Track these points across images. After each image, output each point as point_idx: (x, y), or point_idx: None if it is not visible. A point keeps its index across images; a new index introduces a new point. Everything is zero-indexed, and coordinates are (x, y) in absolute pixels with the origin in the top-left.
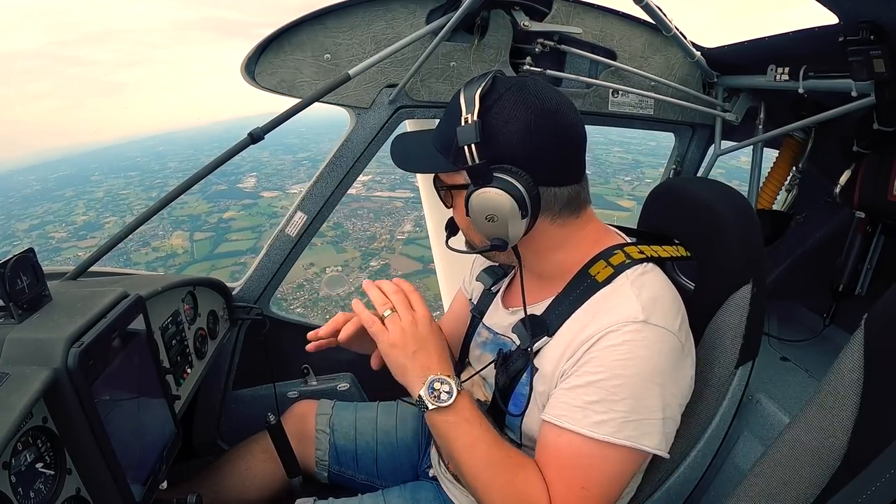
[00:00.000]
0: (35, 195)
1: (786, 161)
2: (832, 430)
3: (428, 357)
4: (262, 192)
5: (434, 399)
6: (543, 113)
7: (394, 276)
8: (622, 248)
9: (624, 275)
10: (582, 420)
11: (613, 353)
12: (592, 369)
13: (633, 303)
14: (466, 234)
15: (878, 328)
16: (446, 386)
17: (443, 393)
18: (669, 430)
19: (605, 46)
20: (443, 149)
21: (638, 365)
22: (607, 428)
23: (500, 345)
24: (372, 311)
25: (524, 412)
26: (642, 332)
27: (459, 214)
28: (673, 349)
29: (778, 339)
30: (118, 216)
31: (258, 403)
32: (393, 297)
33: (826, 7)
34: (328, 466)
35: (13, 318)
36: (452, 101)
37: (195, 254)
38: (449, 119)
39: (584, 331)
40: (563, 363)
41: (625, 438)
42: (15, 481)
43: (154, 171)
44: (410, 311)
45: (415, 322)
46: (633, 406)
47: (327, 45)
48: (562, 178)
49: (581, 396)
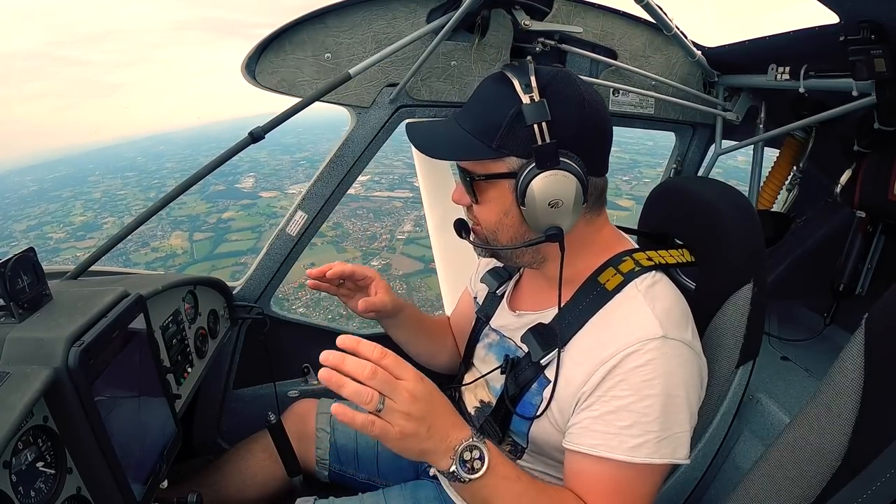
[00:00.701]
0: (32, 196)
1: (786, 160)
2: (833, 430)
3: (443, 426)
4: (260, 192)
5: (469, 472)
6: (590, 99)
7: (396, 276)
8: (631, 254)
9: (633, 284)
10: (619, 447)
11: (639, 374)
12: (620, 393)
13: (650, 318)
14: (495, 229)
15: (878, 328)
16: (476, 451)
17: (475, 461)
18: (690, 436)
19: (605, 46)
20: (482, 135)
21: (664, 382)
22: (645, 450)
23: (507, 349)
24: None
25: (533, 420)
26: (663, 349)
27: (492, 208)
28: (690, 360)
29: (778, 339)
30: (116, 216)
31: (258, 403)
32: (374, 383)
33: (827, 6)
34: (329, 465)
35: (14, 318)
36: (486, 89)
37: (195, 254)
38: (488, 105)
39: (602, 349)
40: (582, 384)
41: (661, 457)
42: (15, 480)
43: (151, 172)
44: (400, 387)
45: (413, 397)
46: (664, 424)
47: (328, 44)
48: (600, 167)
49: (614, 423)
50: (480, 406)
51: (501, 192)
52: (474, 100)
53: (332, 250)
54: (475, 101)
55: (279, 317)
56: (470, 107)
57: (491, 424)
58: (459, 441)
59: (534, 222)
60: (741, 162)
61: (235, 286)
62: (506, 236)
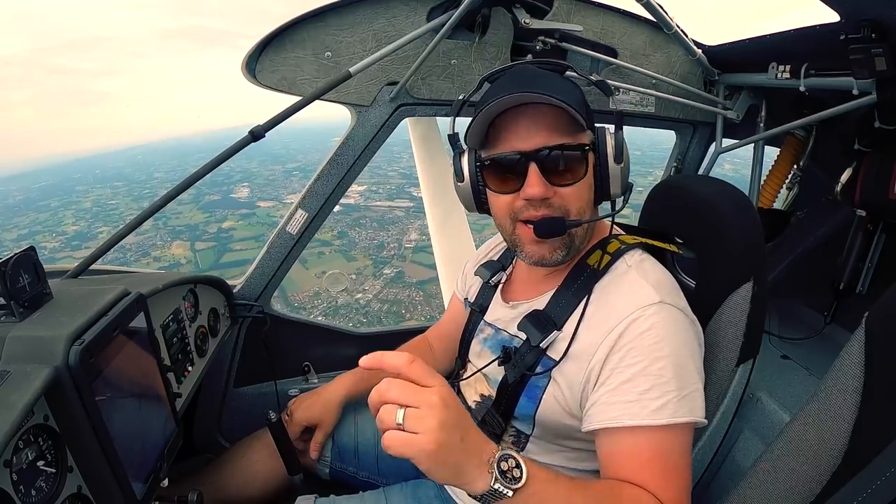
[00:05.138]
0: (18, 205)
1: (787, 159)
2: (833, 429)
3: (477, 435)
4: (257, 202)
5: (511, 483)
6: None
7: (411, 283)
8: (616, 237)
9: (622, 259)
10: (640, 412)
11: (646, 338)
12: (632, 360)
13: (645, 286)
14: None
15: (878, 326)
16: (512, 460)
17: (514, 470)
18: (703, 395)
19: (606, 44)
20: (577, 107)
21: (672, 342)
22: (668, 411)
23: (503, 341)
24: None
25: (539, 403)
26: (662, 313)
27: (583, 185)
28: (687, 325)
29: (779, 338)
30: (110, 225)
31: (259, 401)
32: (393, 395)
33: (827, 5)
34: (329, 463)
35: (14, 317)
36: (534, 71)
37: (200, 263)
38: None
39: (603, 322)
40: (589, 358)
41: (684, 415)
42: (16, 479)
43: (141, 182)
44: (425, 392)
45: (443, 402)
46: (679, 383)
47: (328, 42)
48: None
49: (631, 390)
50: (481, 400)
51: (586, 165)
52: (538, 78)
53: (342, 258)
54: (540, 79)
55: (279, 315)
56: (541, 84)
57: (493, 416)
58: (492, 453)
59: (622, 180)
60: (728, 170)
61: (236, 285)
62: (587, 213)
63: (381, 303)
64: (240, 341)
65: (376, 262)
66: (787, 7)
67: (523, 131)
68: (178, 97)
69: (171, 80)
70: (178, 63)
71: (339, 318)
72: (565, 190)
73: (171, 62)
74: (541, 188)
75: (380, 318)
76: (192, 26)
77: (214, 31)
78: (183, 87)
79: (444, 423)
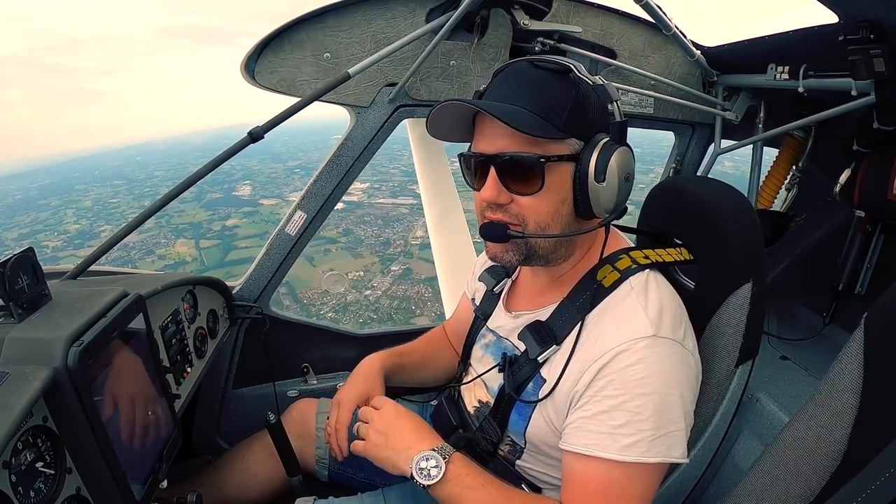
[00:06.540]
0: (18, 205)
1: (786, 160)
2: (832, 429)
3: (401, 438)
4: (260, 199)
5: (425, 477)
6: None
7: (419, 280)
8: (628, 252)
9: (628, 282)
10: (611, 446)
11: (630, 372)
12: (612, 392)
13: (642, 317)
14: (549, 221)
15: (877, 327)
16: (432, 461)
17: (431, 469)
18: (687, 435)
19: (604, 45)
20: (547, 115)
21: (656, 381)
22: (638, 449)
23: (504, 349)
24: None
25: (528, 422)
26: (654, 347)
27: (551, 196)
28: (683, 359)
29: (778, 338)
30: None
31: (258, 402)
32: (362, 416)
33: (826, 6)
34: (328, 465)
35: (13, 318)
36: (530, 73)
37: (205, 261)
38: (544, 88)
39: (592, 347)
40: (575, 381)
41: (655, 456)
42: (15, 480)
43: (141, 181)
44: (373, 412)
45: (380, 415)
46: (657, 422)
47: (327, 43)
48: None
49: (606, 422)
50: (479, 406)
51: (563, 177)
52: (525, 82)
53: (349, 256)
54: (526, 83)
55: (279, 316)
56: (521, 89)
57: (490, 423)
58: (418, 451)
59: (607, 200)
60: (728, 167)
61: (235, 286)
62: (558, 227)
63: (391, 299)
64: (239, 342)
65: (383, 259)
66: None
67: (489, 135)
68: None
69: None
70: (177, 62)
71: (348, 315)
72: (523, 199)
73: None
74: (492, 192)
75: (390, 315)
76: (190, 25)
77: (213, 29)
78: (182, 86)
79: (377, 431)
